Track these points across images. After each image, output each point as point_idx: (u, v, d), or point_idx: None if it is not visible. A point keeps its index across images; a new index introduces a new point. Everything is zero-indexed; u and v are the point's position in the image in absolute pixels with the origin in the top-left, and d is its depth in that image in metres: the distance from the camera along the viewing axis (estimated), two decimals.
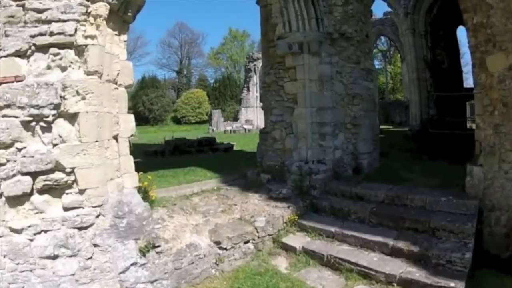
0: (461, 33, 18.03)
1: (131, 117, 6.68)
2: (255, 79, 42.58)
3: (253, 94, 42.71)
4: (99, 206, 5.76)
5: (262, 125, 35.81)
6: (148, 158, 16.44)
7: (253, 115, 42.07)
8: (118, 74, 6.31)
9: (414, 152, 13.80)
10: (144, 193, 7.84)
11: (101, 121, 5.75)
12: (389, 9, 22.34)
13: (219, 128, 38.65)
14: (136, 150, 19.24)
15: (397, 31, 23.55)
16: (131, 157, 6.78)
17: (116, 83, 6.34)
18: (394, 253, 6.57)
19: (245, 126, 37.51)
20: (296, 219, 8.13)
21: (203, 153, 17.43)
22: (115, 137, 6.31)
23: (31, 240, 5.26)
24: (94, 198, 5.69)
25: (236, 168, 11.65)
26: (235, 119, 43.32)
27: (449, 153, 11.88)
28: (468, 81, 20.83)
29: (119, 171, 6.37)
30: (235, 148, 19.52)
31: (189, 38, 71.18)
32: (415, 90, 17.95)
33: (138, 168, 11.37)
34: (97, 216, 5.75)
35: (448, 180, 8.86)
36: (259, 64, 39.20)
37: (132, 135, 6.79)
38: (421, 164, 11.50)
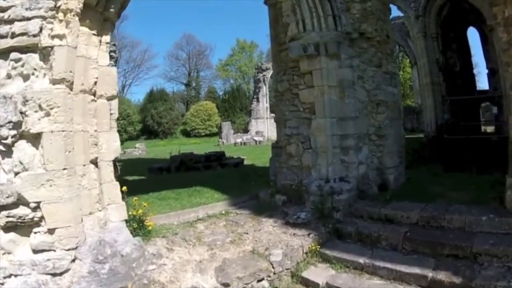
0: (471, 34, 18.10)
1: (115, 135, 5.56)
2: (264, 90, 42.56)
3: (263, 105, 42.54)
4: (73, 248, 4.72)
5: (273, 137, 35.61)
6: (152, 175, 15.40)
7: (263, 127, 41.74)
8: (95, 82, 5.17)
9: (434, 161, 12.82)
10: (138, 222, 6.82)
11: (70, 143, 4.66)
12: (396, 14, 22.08)
13: (229, 141, 37.89)
14: (142, 165, 18.56)
15: (406, 36, 23.74)
16: (117, 184, 5.66)
17: (94, 94, 5.23)
18: (434, 286, 5.64)
19: (256, 138, 36.59)
20: (317, 248, 6.89)
21: (211, 169, 16.28)
22: (94, 161, 5.16)
23: (2, 284, 4.42)
24: (66, 239, 4.64)
25: (247, 187, 10.46)
26: (245, 131, 42.93)
27: (471, 161, 11.07)
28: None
29: (100, 203, 5.26)
30: (245, 162, 18.40)
31: (197, 50, 71.24)
32: (429, 95, 17.41)
33: (139, 188, 10.50)
34: (73, 261, 4.74)
35: (481, 194, 7.96)
36: (268, 74, 40.30)
37: (117, 157, 5.64)
38: (447, 176, 10.38)
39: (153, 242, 6.69)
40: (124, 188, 7.07)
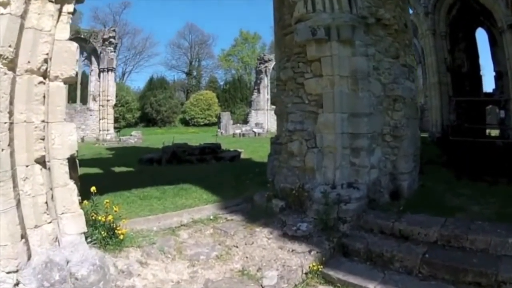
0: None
1: (70, 127, 4.43)
2: (266, 81, 42.36)
3: (264, 96, 42.27)
4: (13, 271, 3.65)
5: (273, 129, 34.81)
6: (140, 167, 14.31)
7: (263, 118, 41.34)
8: (45, 60, 4.03)
9: (443, 165, 11.91)
10: (108, 230, 5.67)
11: (5, 138, 3.56)
12: None
13: (228, 131, 36.93)
14: (134, 155, 17.45)
15: (413, 33, 22.97)
16: (73, 189, 4.54)
17: (44, 75, 4.08)
18: None
19: (255, 130, 35.63)
20: (319, 268, 5.74)
21: (205, 162, 15.21)
22: (41, 161, 4.03)
23: None
24: (4, 260, 3.60)
25: (241, 186, 9.35)
26: (245, 122, 42.46)
27: (481, 168, 10.37)
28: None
29: (49, 213, 4.11)
30: (242, 156, 17.30)
31: (199, 40, 70.50)
32: (436, 94, 17.23)
33: (121, 183, 9.69)
34: (16, 285, 3.78)
35: (504, 209, 7.14)
36: (270, 65, 40.28)
37: (74, 154, 4.51)
38: (462, 184, 9.28)
39: (125, 253, 5.64)
40: (93, 188, 6.03)
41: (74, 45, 4.51)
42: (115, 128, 36.23)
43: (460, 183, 9.52)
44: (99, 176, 12.26)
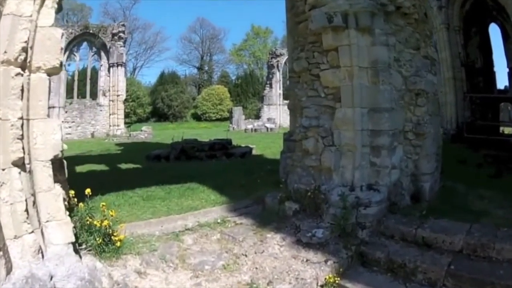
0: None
1: (54, 124, 3.90)
2: (278, 76, 42.02)
3: (276, 91, 41.92)
4: None
5: (285, 124, 34.29)
6: (148, 164, 13.80)
7: (275, 113, 40.89)
8: (24, 49, 3.50)
9: (461, 163, 11.17)
10: (104, 236, 5.15)
11: None
12: None
13: (240, 126, 36.51)
14: (143, 151, 16.98)
15: None
16: (59, 193, 4.02)
17: (23, 66, 3.55)
18: None
19: (267, 125, 34.96)
20: (336, 280, 5.13)
21: (214, 159, 14.62)
22: (18, 163, 3.50)
23: None
24: None
25: (252, 186, 8.75)
26: (257, 117, 42.19)
27: (499, 165, 10.18)
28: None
29: (30, 222, 3.59)
30: (254, 152, 16.66)
31: (210, 34, 70.21)
32: (451, 90, 16.67)
33: (126, 181, 9.40)
34: None
35: None
36: (282, 60, 40.49)
37: (58, 155, 3.97)
38: (484, 185, 8.52)
39: (123, 261, 5.15)
40: (88, 190, 5.51)
41: (59, 32, 3.96)
42: (126, 123, 36.02)
43: (481, 182, 8.91)
44: (104, 174, 11.79)
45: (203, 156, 14.75)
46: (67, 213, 4.33)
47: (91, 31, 32.22)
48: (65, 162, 4.47)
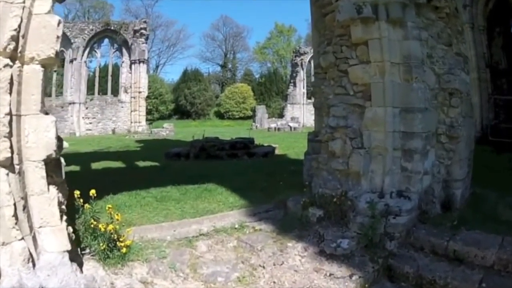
0: None
1: (47, 121, 3.49)
2: (302, 75, 41.35)
3: (300, 90, 41.27)
4: None
5: (309, 124, 33.75)
6: (166, 162, 13.43)
7: (299, 113, 40.27)
8: (16, 37, 3.10)
9: (489, 168, 10.37)
10: (108, 242, 4.73)
11: None
12: None
13: (263, 125, 36.05)
14: (163, 148, 16.64)
15: None
16: (54, 197, 3.63)
17: (13, 57, 3.15)
18: None
19: (291, 124, 34.34)
20: None
21: (235, 158, 14.14)
22: (6, 164, 3.11)
23: None
24: None
25: (273, 188, 8.21)
26: (280, 116, 41.57)
27: None
28: None
29: (20, 228, 3.20)
30: (276, 151, 16.14)
31: (234, 32, 69.42)
32: (476, 92, 15.96)
33: (141, 180, 9.28)
34: None
35: None
36: (306, 58, 40.26)
37: (52, 154, 3.55)
38: None
39: (129, 269, 4.76)
40: (92, 192, 5.12)
41: (55, 19, 3.54)
42: (148, 120, 35.94)
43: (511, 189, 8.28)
44: (120, 171, 11.45)
45: (223, 155, 14.31)
46: (64, 218, 3.91)
47: (112, 28, 32.16)
48: (63, 161, 4.06)
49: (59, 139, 4.26)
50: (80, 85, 30.51)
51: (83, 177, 10.29)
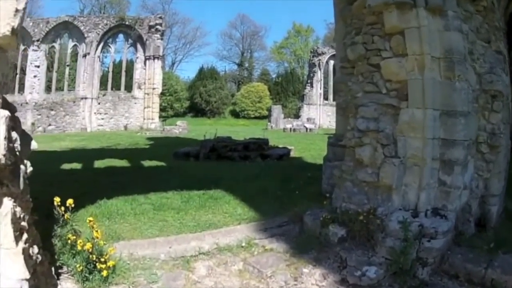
0: None
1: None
2: (319, 75, 41.10)
3: (317, 90, 40.95)
4: None
5: (325, 125, 32.99)
6: (174, 162, 12.59)
7: (315, 114, 39.98)
8: None
9: None
10: (86, 263, 3.90)
11: None
12: None
13: (278, 125, 35.14)
14: (174, 146, 15.79)
15: None
16: (7, 213, 2.76)
17: None
18: None
19: (307, 125, 33.42)
20: None
21: (248, 160, 13.18)
22: None
23: None
24: None
25: (288, 198, 7.26)
26: (296, 116, 40.82)
27: None
28: None
29: None
30: (292, 154, 15.14)
31: (251, 31, 68.80)
32: None
33: (142, 182, 8.75)
34: None
35: None
36: (324, 59, 40.54)
37: (2, 161, 2.71)
38: None
39: None
40: (70, 201, 4.28)
41: None
42: (162, 117, 35.43)
43: None
44: (122, 171, 10.58)
45: (235, 156, 13.40)
46: (24, 237, 3.07)
47: (127, 23, 31.63)
48: (27, 167, 3.22)
49: (25, 138, 3.44)
50: (93, 80, 30.05)
51: (83, 177, 9.53)
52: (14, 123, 3.03)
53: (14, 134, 3.00)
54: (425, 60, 5.08)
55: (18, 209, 3.00)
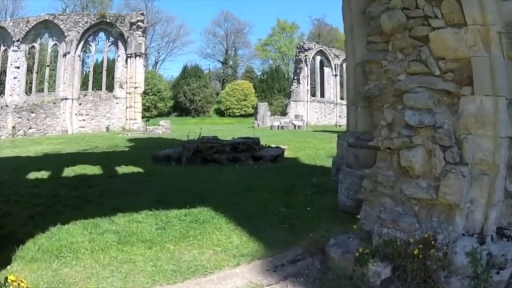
0: None
1: None
2: (306, 71, 40.39)
3: (304, 87, 40.19)
4: None
5: (313, 122, 31.68)
6: (152, 168, 11.01)
7: (303, 110, 39.26)
8: None
9: None
10: None
11: None
12: None
13: (265, 123, 33.89)
14: (154, 148, 14.06)
15: None
16: None
17: None
18: None
19: (295, 122, 32.35)
20: None
21: (238, 163, 11.62)
22: None
23: None
24: None
25: (296, 215, 5.71)
26: (283, 113, 39.73)
27: None
28: None
29: None
30: (286, 154, 13.64)
31: (235, 28, 67.97)
32: None
33: (111, 198, 7.37)
34: None
35: None
36: (311, 55, 40.06)
37: None
38: None
39: None
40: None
41: None
42: (146, 117, 34.16)
43: None
44: (91, 181, 8.83)
45: (223, 159, 11.79)
46: None
47: (108, 20, 29.94)
48: None
49: None
50: (73, 80, 28.46)
51: (45, 189, 7.95)
52: None
53: None
54: (490, 32, 3.60)
55: None
